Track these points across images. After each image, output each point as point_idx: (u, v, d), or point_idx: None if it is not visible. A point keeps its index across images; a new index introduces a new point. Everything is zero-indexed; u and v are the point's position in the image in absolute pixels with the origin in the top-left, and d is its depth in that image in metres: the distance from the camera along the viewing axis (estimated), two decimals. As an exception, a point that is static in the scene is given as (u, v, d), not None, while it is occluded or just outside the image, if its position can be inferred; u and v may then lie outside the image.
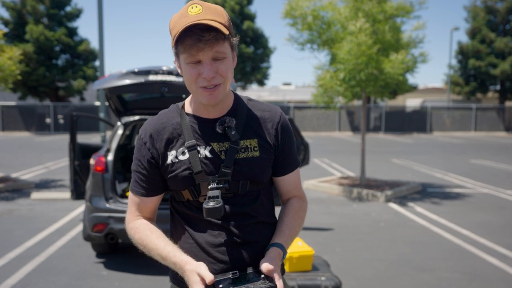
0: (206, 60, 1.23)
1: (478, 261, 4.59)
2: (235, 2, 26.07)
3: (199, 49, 1.21)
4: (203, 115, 1.37)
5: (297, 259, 3.31)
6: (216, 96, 1.28)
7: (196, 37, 1.19)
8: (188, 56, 1.24)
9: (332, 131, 27.77)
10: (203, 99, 1.29)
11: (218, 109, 1.37)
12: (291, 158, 1.47)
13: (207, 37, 1.19)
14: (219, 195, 1.27)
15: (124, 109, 4.89)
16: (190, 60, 1.24)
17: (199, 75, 1.25)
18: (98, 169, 4.27)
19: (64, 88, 26.33)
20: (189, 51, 1.22)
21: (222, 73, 1.26)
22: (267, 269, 1.23)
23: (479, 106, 29.11)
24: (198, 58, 1.23)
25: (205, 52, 1.22)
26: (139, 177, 1.39)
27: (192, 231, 1.36)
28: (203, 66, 1.24)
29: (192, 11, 1.22)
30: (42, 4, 25.24)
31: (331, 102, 8.34)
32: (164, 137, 1.36)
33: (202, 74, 1.24)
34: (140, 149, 1.38)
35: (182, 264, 1.25)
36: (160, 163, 1.36)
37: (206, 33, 1.19)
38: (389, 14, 7.72)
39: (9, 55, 8.43)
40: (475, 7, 29.39)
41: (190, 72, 1.26)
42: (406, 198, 7.77)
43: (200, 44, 1.20)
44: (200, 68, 1.24)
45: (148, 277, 4.04)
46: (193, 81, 1.27)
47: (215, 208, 1.24)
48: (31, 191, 8.01)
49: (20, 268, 4.19)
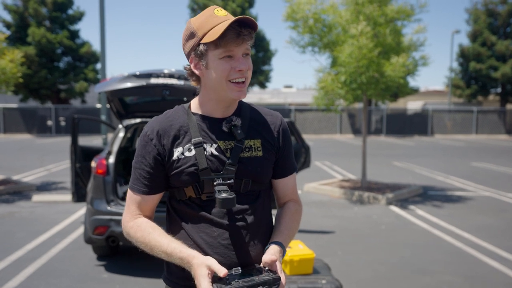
0: (238, 55, 1.32)
1: (479, 264, 4.58)
2: (236, 5, 26.13)
3: (237, 44, 1.30)
4: (210, 115, 1.42)
5: (298, 262, 3.31)
6: (245, 92, 1.37)
7: (236, 32, 1.28)
8: (225, 51, 1.30)
9: (333, 134, 27.76)
10: (233, 94, 1.35)
11: (228, 109, 1.42)
12: (290, 162, 1.53)
13: (245, 32, 1.29)
14: (227, 189, 1.31)
15: (125, 112, 4.90)
16: (226, 54, 1.31)
17: (232, 69, 1.32)
18: (99, 172, 4.28)
19: (65, 91, 26.35)
20: (228, 46, 1.29)
21: (250, 68, 1.36)
22: (270, 259, 1.27)
23: (480, 109, 29.09)
24: (234, 52, 1.31)
25: (240, 48, 1.31)
26: (141, 175, 1.40)
27: (190, 231, 1.38)
28: (235, 60, 1.32)
29: (219, 13, 1.31)
30: (44, 7, 25.30)
31: (332, 104, 8.35)
32: (171, 134, 1.39)
33: (236, 67, 1.31)
34: (146, 146, 1.39)
35: (189, 258, 1.26)
36: (165, 160, 1.38)
37: (244, 29, 1.28)
38: (390, 18, 7.74)
39: (11, 58, 8.46)
40: (476, 10, 29.38)
41: (224, 66, 1.32)
42: (407, 201, 7.76)
43: (238, 39, 1.29)
44: (233, 63, 1.32)
45: (148, 280, 4.04)
46: (225, 75, 1.33)
47: (228, 198, 1.28)
48: (32, 193, 8.02)
49: (21, 271, 4.20)
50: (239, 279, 1.21)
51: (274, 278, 1.23)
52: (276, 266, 1.27)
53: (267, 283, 1.21)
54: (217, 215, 1.36)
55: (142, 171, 1.39)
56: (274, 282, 1.23)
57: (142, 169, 1.39)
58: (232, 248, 1.35)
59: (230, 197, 1.28)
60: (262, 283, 1.21)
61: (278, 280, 1.24)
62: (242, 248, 1.36)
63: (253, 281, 1.21)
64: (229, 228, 1.36)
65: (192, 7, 27.13)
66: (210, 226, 1.36)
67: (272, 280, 1.22)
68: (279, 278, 1.24)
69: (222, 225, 1.36)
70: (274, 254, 1.31)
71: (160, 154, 1.38)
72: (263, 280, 1.21)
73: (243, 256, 1.36)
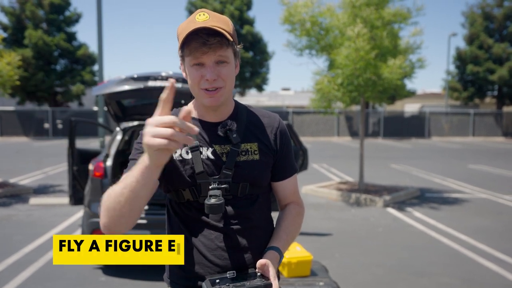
0: (209, 63, 1.30)
1: (476, 266, 4.59)
2: (234, 7, 26.19)
3: (203, 52, 1.28)
4: (205, 118, 1.42)
5: (296, 265, 3.31)
6: (217, 99, 1.34)
7: (201, 41, 1.26)
8: (192, 59, 1.30)
9: (331, 136, 27.79)
10: (205, 101, 1.34)
11: (220, 114, 1.42)
12: (289, 163, 1.52)
13: (211, 41, 1.26)
14: (220, 194, 1.30)
15: (123, 114, 4.90)
16: (194, 62, 1.30)
17: (202, 77, 1.30)
18: (96, 175, 4.27)
19: (62, 93, 26.32)
20: (194, 54, 1.29)
21: (223, 77, 1.32)
22: (260, 264, 1.27)
23: (477, 112, 29.19)
24: (202, 61, 1.30)
25: (209, 56, 1.29)
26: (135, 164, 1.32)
27: (189, 233, 1.38)
28: (206, 68, 1.30)
29: (199, 18, 1.29)
30: (41, 9, 25.27)
31: (330, 107, 8.37)
32: None
33: (205, 76, 1.30)
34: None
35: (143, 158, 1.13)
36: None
37: (211, 38, 1.26)
38: (387, 20, 7.77)
39: (8, 60, 8.45)
40: (473, 13, 29.51)
41: (194, 74, 1.31)
42: (404, 203, 7.78)
43: (204, 48, 1.27)
44: (203, 71, 1.30)
45: (147, 283, 4.03)
46: (196, 83, 1.32)
47: (216, 204, 1.27)
48: (30, 196, 7.99)
49: (18, 274, 4.18)
50: (231, 283, 1.21)
51: (265, 284, 1.22)
52: (269, 271, 1.27)
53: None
54: (214, 218, 1.36)
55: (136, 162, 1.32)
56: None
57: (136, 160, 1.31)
58: (229, 253, 1.35)
59: (217, 203, 1.26)
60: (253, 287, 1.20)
61: (269, 287, 1.23)
62: (239, 251, 1.37)
63: (243, 286, 1.20)
64: (226, 231, 1.36)
65: (189, 9, 27.17)
66: (207, 229, 1.37)
67: (263, 286, 1.22)
68: (271, 284, 1.23)
69: (218, 228, 1.36)
70: (270, 260, 1.31)
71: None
72: (254, 285, 1.21)
73: (239, 259, 1.36)
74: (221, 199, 1.28)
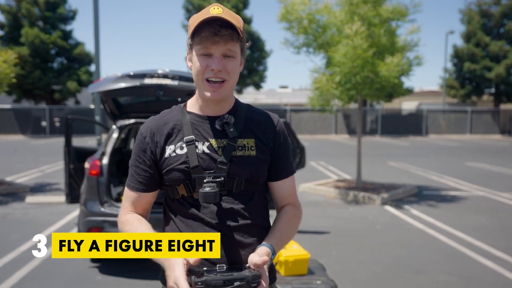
0: (216, 54, 1.32)
1: (474, 264, 4.60)
2: (231, 5, 26.12)
3: (214, 42, 1.30)
4: (204, 112, 1.43)
5: (293, 263, 3.31)
6: (220, 93, 1.36)
7: (213, 31, 1.29)
8: (201, 48, 1.32)
9: (328, 134, 27.81)
10: (207, 93, 1.36)
11: (219, 108, 1.43)
12: (286, 164, 1.50)
13: (223, 32, 1.29)
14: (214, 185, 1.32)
15: (119, 112, 4.87)
16: (203, 52, 1.33)
17: (207, 67, 1.33)
18: (93, 173, 4.25)
19: (59, 91, 26.23)
20: (204, 43, 1.31)
21: (229, 70, 1.34)
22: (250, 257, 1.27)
23: (474, 109, 29.25)
24: (211, 51, 1.32)
25: (218, 47, 1.31)
26: (136, 172, 1.43)
27: (184, 229, 1.38)
28: (213, 59, 1.32)
29: (213, 11, 1.31)
30: (36, 7, 25.15)
31: (327, 105, 8.36)
32: (164, 132, 1.41)
33: (211, 66, 1.32)
34: (139, 144, 1.43)
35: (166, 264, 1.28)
36: (158, 158, 1.40)
37: (223, 29, 1.29)
38: (385, 18, 7.76)
39: (4, 58, 8.42)
40: (470, 10, 29.53)
41: (200, 63, 1.34)
42: (402, 201, 7.78)
43: (215, 38, 1.30)
44: (210, 61, 1.33)
45: (143, 282, 4.02)
46: (201, 72, 1.34)
47: (210, 193, 1.28)
48: (26, 194, 7.96)
49: (15, 273, 4.16)
50: (218, 272, 1.21)
51: (254, 275, 1.20)
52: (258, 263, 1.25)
53: (245, 279, 1.19)
54: (208, 214, 1.36)
55: (137, 168, 1.42)
56: (253, 280, 1.20)
57: (137, 167, 1.43)
58: (224, 250, 1.34)
59: (212, 192, 1.28)
60: (240, 278, 1.19)
61: (257, 278, 1.21)
62: (232, 247, 1.36)
63: (231, 275, 1.19)
64: (220, 227, 1.35)
65: (187, 8, 27.08)
66: (201, 225, 1.36)
67: (251, 277, 1.20)
68: (259, 276, 1.22)
69: (212, 224, 1.36)
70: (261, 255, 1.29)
71: (153, 152, 1.40)
72: (241, 276, 1.20)
73: (233, 255, 1.36)
74: (216, 187, 1.30)
